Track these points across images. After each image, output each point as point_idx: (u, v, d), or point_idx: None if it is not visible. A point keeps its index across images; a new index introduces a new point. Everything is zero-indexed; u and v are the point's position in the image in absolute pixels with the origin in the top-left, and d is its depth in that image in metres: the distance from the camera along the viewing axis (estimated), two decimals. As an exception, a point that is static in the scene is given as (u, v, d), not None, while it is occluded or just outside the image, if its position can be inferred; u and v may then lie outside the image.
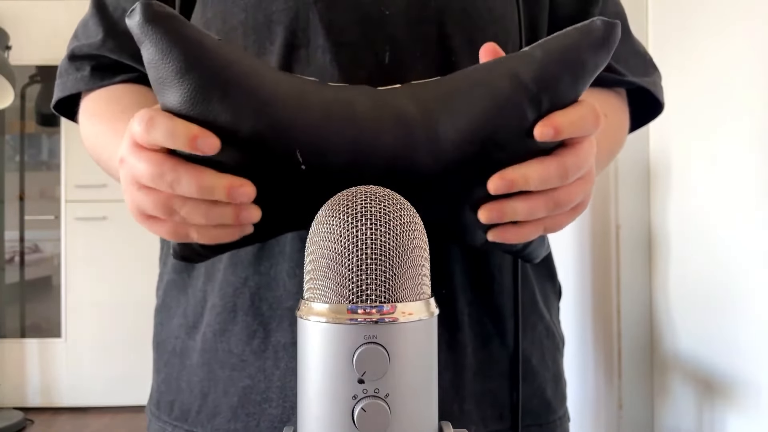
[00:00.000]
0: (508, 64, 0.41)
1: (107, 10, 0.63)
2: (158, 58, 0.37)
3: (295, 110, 0.39)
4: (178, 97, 0.38)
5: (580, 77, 0.40)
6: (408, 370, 0.31)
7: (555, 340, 0.64)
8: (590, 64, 0.40)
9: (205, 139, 0.38)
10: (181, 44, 0.37)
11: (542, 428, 0.60)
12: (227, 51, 0.39)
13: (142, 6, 0.37)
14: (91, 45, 0.62)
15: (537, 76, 0.39)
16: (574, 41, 0.40)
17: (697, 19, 1.28)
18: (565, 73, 0.40)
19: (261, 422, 0.54)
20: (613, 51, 0.40)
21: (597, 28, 0.39)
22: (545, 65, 0.40)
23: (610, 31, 0.39)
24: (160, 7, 0.37)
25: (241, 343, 0.55)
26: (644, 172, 1.47)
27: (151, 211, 0.42)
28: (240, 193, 0.39)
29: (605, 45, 0.40)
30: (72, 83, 0.64)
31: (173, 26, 0.37)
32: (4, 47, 3.14)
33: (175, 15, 0.38)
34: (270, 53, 0.53)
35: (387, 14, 0.52)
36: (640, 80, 0.63)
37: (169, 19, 0.37)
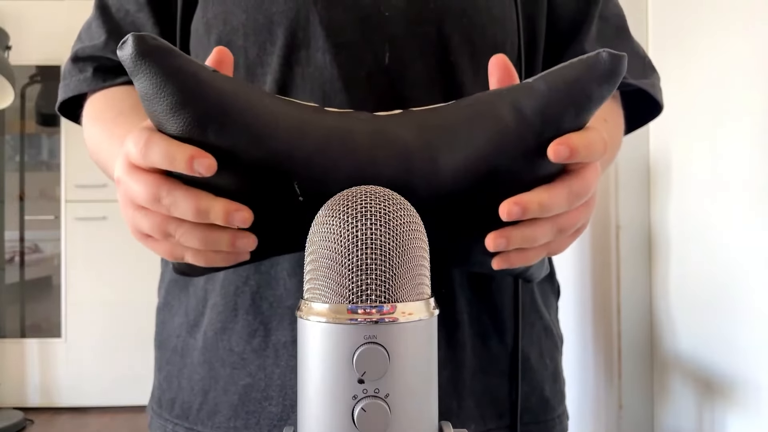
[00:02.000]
0: (511, 96, 0.40)
1: (110, 12, 0.63)
2: (152, 92, 0.36)
3: (292, 141, 0.38)
4: (174, 130, 0.37)
5: (585, 111, 0.39)
6: (408, 370, 0.31)
7: (553, 339, 0.64)
8: (595, 97, 0.39)
9: (201, 160, 0.37)
10: (175, 78, 0.36)
11: (540, 426, 0.60)
12: (223, 82, 0.38)
13: (134, 39, 0.35)
14: (94, 47, 0.63)
15: (541, 111, 0.39)
16: (579, 74, 0.39)
17: (697, 19, 1.28)
18: (569, 107, 0.39)
19: (261, 420, 0.54)
20: (618, 84, 0.39)
21: (603, 61, 0.38)
22: (549, 99, 0.39)
23: (616, 64, 0.38)
24: (154, 39, 0.36)
25: (242, 342, 0.55)
26: (644, 172, 1.47)
27: (148, 232, 0.42)
28: (237, 218, 0.39)
29: (611, 78, 0.38)
30: (75, 85, 0.64)
31: (167, 60, 0.36)
32: (4, 47, 3.14)
33: (169, 48, 0.37)
34: (270, 54, 0.53)
35: (386, 15, 0.52)
36: (640, 82, 0.63)
37: (163, 53, 0.36)
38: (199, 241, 0.40)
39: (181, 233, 0.40)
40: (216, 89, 0.37)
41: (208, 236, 0.40)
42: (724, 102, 1.19)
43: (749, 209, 1.12)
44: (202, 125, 0.37)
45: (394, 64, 0.52)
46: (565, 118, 0.39)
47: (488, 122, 0.40)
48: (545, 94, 0.39)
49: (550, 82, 0.39)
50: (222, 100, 0.37)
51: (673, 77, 1.33)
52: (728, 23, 1.18)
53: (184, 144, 0.38)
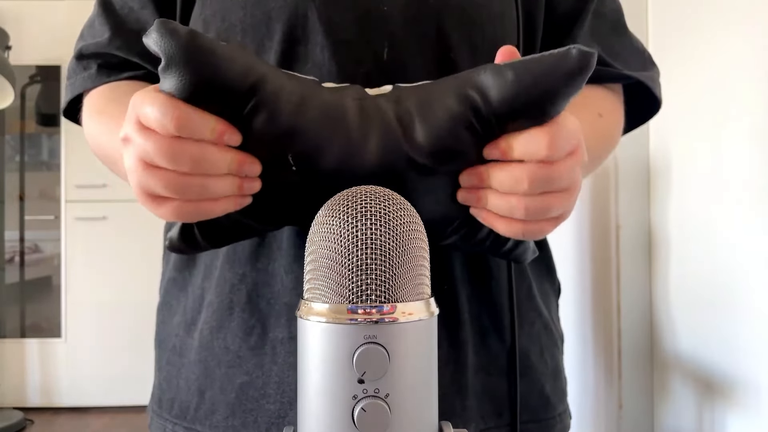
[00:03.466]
0: (481, 77, 0.41)
1: (113, 8, 0.63)
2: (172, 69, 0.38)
3: (294, 116, 0.40)
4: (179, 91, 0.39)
5: (550, 105, 0.40)
6: (408, 370, 0.31)
7: (553, 337, 0.64)
8: (561, 92, 0.40)
9: (232, 134, 0.40)
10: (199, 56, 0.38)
11: (541, 424, 0.60)
12: (237, 53, 0.40)
13: (158, 23, 0.38)
14: (98, 44, 0.62)
15: (505, 98, 0.40)
16: (547, 69, 0.39)
17: (697, 19, 1.28)
18: (535, 101, 0.40)
19: (259, 418, 0.54)
20: (585, 80, 0.40)
21: (572, 57, 0.39)
22: (516, 90, 0.40)
23: (585, 61, 0.39)
24: (175, 24, 0.38)
25: (238, 340, 0.55)
26: (644, 172, 1.47)
27: (160, 191, 0.41)
28: (248, 169, 0.41)
29: (579, 75, 0.39)
30: (80, 82, 0.63)
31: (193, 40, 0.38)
32: (4, 47, 3.14)
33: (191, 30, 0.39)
34: (269, 50, 0.53)
35: (385, 11, 0.52)
36: (639, 74, 0.63)
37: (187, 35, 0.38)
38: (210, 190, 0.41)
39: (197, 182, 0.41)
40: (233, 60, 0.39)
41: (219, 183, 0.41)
42: (725, 102, 1.19)
43: (749, 209, 1.12)
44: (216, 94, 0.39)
45: (393, 60, 0.52)
46: (530, 110, 0.40)
47: (456, 100, 0.41)
48: (512, 82, 0.40)
49: (519, 73, 0.40)
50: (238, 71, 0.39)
51: (673, 77, 1.33)
52: (728, 23, 1.18)
53: (217, 117, 0.40)
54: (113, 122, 0.57)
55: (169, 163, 0.40)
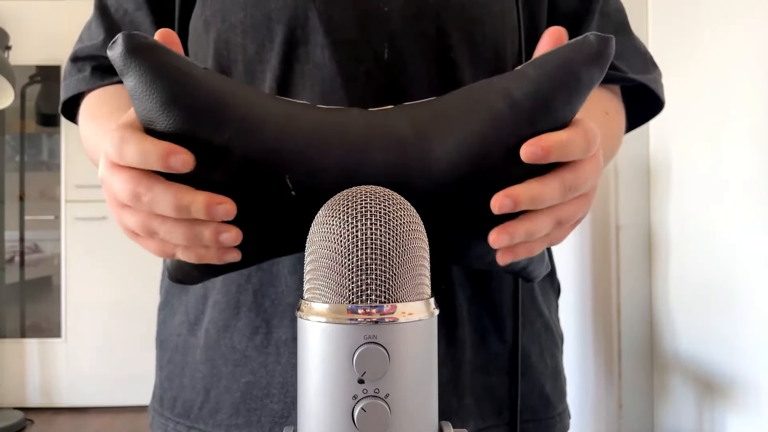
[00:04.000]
0: (501, 83, 0.40)
1: (109, 11, 0.63)
2: (142, 89, 0.36)
3: (284, 135, 0.38)
4: (164, 127, 0.37)
5: (575, 93, 0.39)
6: (408, 370, 0.31)
7: (553, 337, 0.64)
8: (585, 79, 0.39)
9: (177, 156, 0.37)
10: (165, 75, 0.36)
11: (541, 424, 0.60)
12: (214, 79, 0.38)
13: (124, 37, 0.36)
14: (93, 46, 0.63)
15: (531, 93, 0.39)
16: (567, 57, 0.39)
17: (697, 19, 1.28)
18: (559, 90, 0.39)
19: (262, 417, 0.54)
20: (607, 66, 0.39)
21: (590, 43, 0.38)
22: (539, 82, 0.39)
23: (604, 46, 0.38)
24: (144, 38, 0.36)
25: (244, 339, 0.56)
26: (644, 172, 1.47)
27: (134, 230, 0.41)
28: (220, 211, 0.38)
29: (599, 60, 0.39)
30: (74, 84, 0.64)
31: (157, 57, 0.36)
32: (4, 47, 3.14)
33: (159, 45, 0.37)
34: (269, 51, 0.53)
35: (385, 11, 0.52)
36: (641, 77, 0.63)
37: (153, 50, 0.36)
38: (182, 237, 0.39)
39: (165, 230, 0.40)
40: (206, 86, 0.37)
41: (191, 231, 0.39)
42: (725, 102, 1.19)
43: (749, 209, 1.12)
44: (192, 122, 0.37)
45: (393, 60, 0.52)
46: (557, 101, 0.39)
47: (480, 109, 0.40)
48: (534, 77, 0.39)
49: (538, 66, 0.39)
50: (212, 96, 0.37)
51: (673, 77, 1.33)
52: (728, 23, 1.18)
53: (160, 141, 0.37)
54: (102, 125, 0.58)
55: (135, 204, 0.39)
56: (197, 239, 0.39)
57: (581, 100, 0.40)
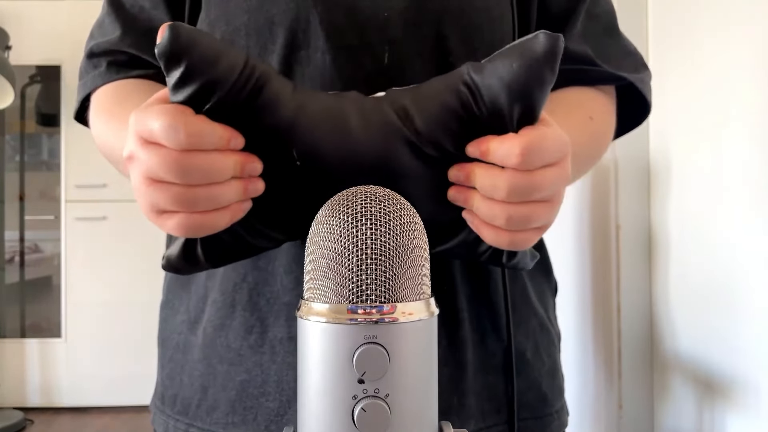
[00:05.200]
0: (467, 71, 0.42)
1: (124, 7, 0.63)
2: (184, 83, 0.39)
3: (297, 112, 0.41)
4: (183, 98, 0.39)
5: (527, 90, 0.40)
6: (408, 370, 0.31)
7: (550, 335, 0.64)
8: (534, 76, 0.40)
9: (237, 138, 0.40)
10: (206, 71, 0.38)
11: (538, 421, 0.61)
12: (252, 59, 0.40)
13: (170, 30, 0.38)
14: (109, 41, 0.62)
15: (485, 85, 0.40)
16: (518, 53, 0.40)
17: (697, 19, 1.28)
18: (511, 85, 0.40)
19: (258, 415, 0.55)
20: (557, 65, 0.40)
21: (539, 41, 0.39)
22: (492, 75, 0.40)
23: (552, 44, 0.39)
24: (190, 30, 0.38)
25: (239, 338, 0.56)
26: (644, 172, 1.47)
27: (167, 206, 0.41)
28: (251, 169, 0.41)
29: (548, 57, 0.39)
30: (91, 81, 0.63)
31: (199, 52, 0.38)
32: (4, 47, 3.14)
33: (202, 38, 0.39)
34: (271, 54, 0.54)
35: (386, 16, 0.53)
36: (628, 75, 0.63)
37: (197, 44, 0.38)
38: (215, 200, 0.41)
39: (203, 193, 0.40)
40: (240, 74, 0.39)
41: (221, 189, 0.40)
42: (725, 102, 1.19)
43: (749, 209, 1.12)
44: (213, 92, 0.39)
45: (393, 65, 0.53)
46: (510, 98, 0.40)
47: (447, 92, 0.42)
48: (489, 69, 0.40)
49: (494, 60, 0.41)
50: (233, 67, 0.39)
51: (673, 77, 1.33)
52: (729, 23, 1.18)
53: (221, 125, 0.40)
54: (120, 122, 0.57)
55: (179, 178, 0.39)
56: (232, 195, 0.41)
57: (535, 99, 0.41)
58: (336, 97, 0.44)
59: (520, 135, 0.41)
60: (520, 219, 0.42)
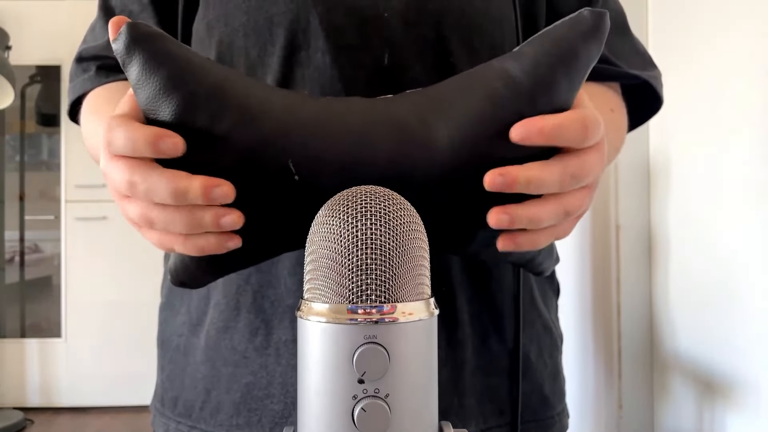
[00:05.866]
0: (499, 64, 0.40)
1: (114, 13, 0.64)
2: (144, 77, 0.36)
3: (287, 120, 0.38)
4: (165, 115, 0.37)
5: (574, 71, 0.39)
6: (408, 370, 0.31)
7: (553, 337, 0.64)
8: (582, 55, 0.38)
9: (167, 140, 0.36)
10: (167, 62, 0.36)
11: (540, 424, 0.61)
12: (216, 68, 0.38)
13: (128, 26, 0.36)
14: (98, 46, 0.64)
15: (529, 71, 0.38)
16: (562, 34, 0.38)
17: (697, 19, 1.28)
18: (557, 67, 0.38)
19: (263, 418, 0.55)
20: (604, 41, 0.39)
21: (585, 19, 0.38)
22: (536, 59, 0.38)
23: (599, 20, 0.38)
24: (146, 26, 0.37)
25: (244, 340, 0.56)
26: (644, 172, 1.47)
27: (136, 221, 0.41)
28: (218, 193, 0.37)
29: (596, 35, 0.38)
30: (80, 84, 0.65)
31: (160, 44, 0.36)
32: (4, 47, 3.14)
33: (162, 34, 0.37)
34: (271, 55, 0.54)
35: (386, 17, 0.53)
36: (644, 74, 0.63)
37: (156, 38, 0.37)
38: (182, 225, 0.38)
39: (164, 219, 0.39)
40: (209, 72, 0.37)
41: (191, 218, 0.38)
42: (725, 102, 1.19)
43: (749, 209, 1.12)
44: (192, 109, 0.37)
45: (393, 65, 0.53)
46: (555, 78, 0.38)
47: (479, 90, 0.39)
48: (531, 55, 0.39)
49: (535, 44, 0.39)
50: (214, 82, 0.37)
51: (673, 77, 1.33)
52: (728, 23, 1.18)
53: (148, 126, 0.37)
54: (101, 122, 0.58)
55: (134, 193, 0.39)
56: (198, 226, 0.38)
57: (580, 78, 0.39)
58: (333, 98, 0.42)
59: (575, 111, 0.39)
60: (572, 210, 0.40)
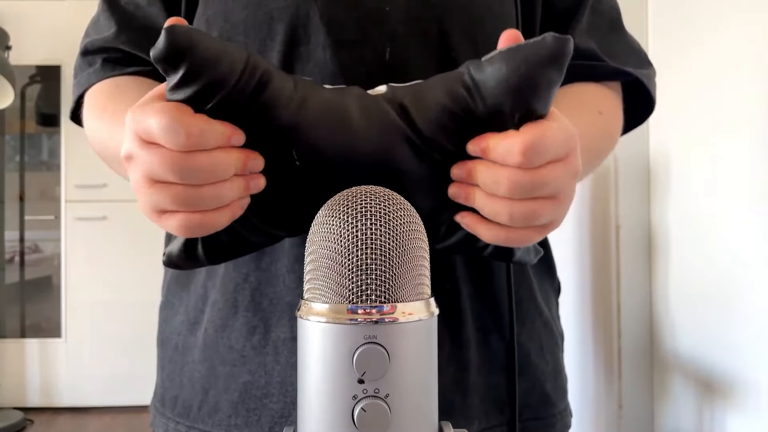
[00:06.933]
0: (468, 70, 0.41)
1: (119, 4, 0.62)
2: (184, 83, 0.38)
3: (298, 112, 0.40)
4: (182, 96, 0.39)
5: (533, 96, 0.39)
6: (408, 370, 0.31)
7: (554, 335, 0.64)
8: (542, 81, 0.39)
9: (239, 135, 0.40)
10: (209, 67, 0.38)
11: (541, 422, 0.60)
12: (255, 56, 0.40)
13: (167, 32, 0.37)
14: (104, 38, 0.62)
15: (487, 85, 0.40)
16: (524, 55, 0.39)
17: (696, 19, 1.28)
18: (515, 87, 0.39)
19: (262, 417, 0.54)
20: (565, 67, 0.39)
21: (547, 44, 0.38)
22: (496, 76, 0.39)
23: (561, 46, 0.38)
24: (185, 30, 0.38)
25: (242, 339, 0.55)
26: (644, 172, 1.47)
27: (169, 206, 0.40)
28: (253, 166, 0.41)
29: (556, 60, 0.38)
30: (86, 79, 0.63)
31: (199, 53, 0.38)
32: (4, 47, 3.14)
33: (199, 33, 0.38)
34: (271, 50, 0.53)
35: (387, 11, 0.52)
36: (635, 71, 0.63)
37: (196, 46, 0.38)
38: (215, 200, 0.40)
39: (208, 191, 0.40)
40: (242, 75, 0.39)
41: (222, 190, 0.40)
42: (724, 101, 1.19)
43: (749, 209, 1.12)
44: (225, 106, 0.38)
45: (394, 60, 0.52)
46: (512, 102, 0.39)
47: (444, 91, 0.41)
48: (493, 70, 0.39)
49: (498, 60, 0.40)
50: (253, 70, 0.39)
51: (673, 77, 1.33)
52: (728, 23, 1.18)
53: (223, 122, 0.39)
54: (116, 119, 0.56)
55: (181, 178, 0.39)
56: (228, 197, 0.40)
57: (541, 101, 0.40)
58: (337, 92, 0.43)
59: (521, 132, 0.40)
60: (522, 216, 0.41)
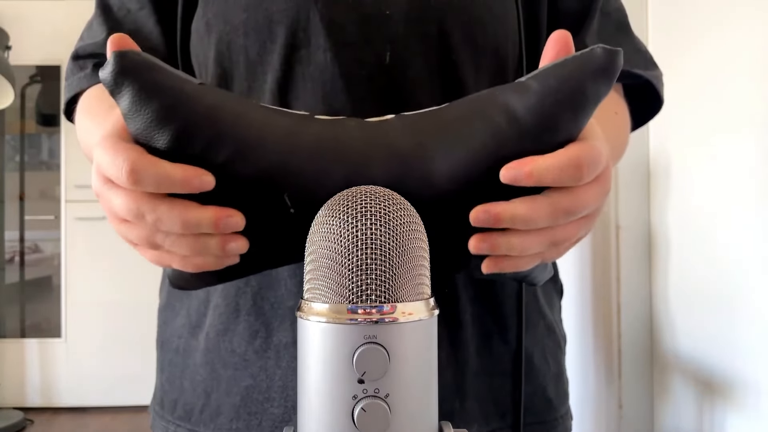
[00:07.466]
0: (503, 96, 0.39)
1: (111, 10, 0.63)
2: (135, 109, 0.36)
3: (283, 153, 0.38)
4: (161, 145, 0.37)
5: (580, 110, 0.37)
6: (408, 370, 0.31)
7: (556, 339, 0.64)
8: (591, 94, 0.37)
9: (200, 177, 0.36)
10: (158, 94, 0.35)
11: (543, 426, 0.60)
12: (210, 95, 0.37)
13: (115, 56, 0.35)
14: (95, 44, 0.63)
15: (533, 109, 0.37)
16: (572, 71, 0.37)
17: (697, 20, 1.28)
18: (563, 106, 0.37)
19: (263, 421, 0.54)
20: (614, 80, 0.37)
21: (598, 57, 0.36)
22: (542, 98, 0.37)
23: (611, 59, 0.36)
24: (136, 55, 0.36)
25: (244, 343, 0.55)
26: (644, 172, 1.47)
27: (135, 242, 0.41)
28: (230, 224, 0.37)
29: (606, 75, 0.37)
30: (76, 82, 0.64)
31: (150, 75, 0.35)
32: (4, 47, 3.14)
33: (152, 63, 0.36)
34: (271, 53, 0.53)
35: (387, 14, 0.52)
36: (646, 74, 0.63)
37: (146, 69, 0.36)
38: (187, 249, 0.39)
39: (169, 243, 0.39)
40: (201, 100, 0.37)
41: (197, 243, 0.38)
42: (724, 102, 1.19)
43: (749, 209, 1.12)
44: (188, 139, 0.36)
45: (395, 63, 0.52)
46: (560, 117, 0.37)
47: (481, 123, 0.38)
48: (538, 92, 0.37)
49: (542, 80, 0.38)
50: (207, 112, 0.37)
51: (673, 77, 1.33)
52: (728, 24, 1.18)
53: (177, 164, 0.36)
54: (96, 121, 0.57)
55: (142, 223, 0.38)
56: (203, 250, 0.39)
57: (588, 116, 0.38)
58: (331, 124, 0.40)
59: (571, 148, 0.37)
60: (557, 241, 0.40)
